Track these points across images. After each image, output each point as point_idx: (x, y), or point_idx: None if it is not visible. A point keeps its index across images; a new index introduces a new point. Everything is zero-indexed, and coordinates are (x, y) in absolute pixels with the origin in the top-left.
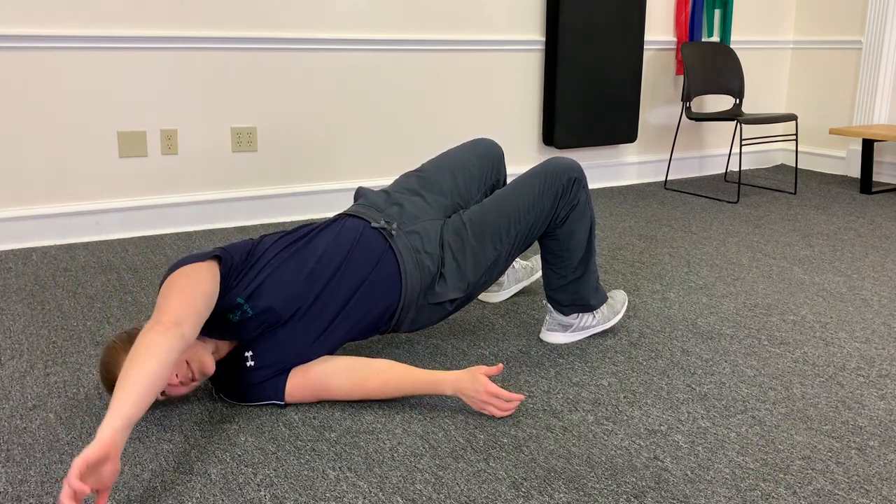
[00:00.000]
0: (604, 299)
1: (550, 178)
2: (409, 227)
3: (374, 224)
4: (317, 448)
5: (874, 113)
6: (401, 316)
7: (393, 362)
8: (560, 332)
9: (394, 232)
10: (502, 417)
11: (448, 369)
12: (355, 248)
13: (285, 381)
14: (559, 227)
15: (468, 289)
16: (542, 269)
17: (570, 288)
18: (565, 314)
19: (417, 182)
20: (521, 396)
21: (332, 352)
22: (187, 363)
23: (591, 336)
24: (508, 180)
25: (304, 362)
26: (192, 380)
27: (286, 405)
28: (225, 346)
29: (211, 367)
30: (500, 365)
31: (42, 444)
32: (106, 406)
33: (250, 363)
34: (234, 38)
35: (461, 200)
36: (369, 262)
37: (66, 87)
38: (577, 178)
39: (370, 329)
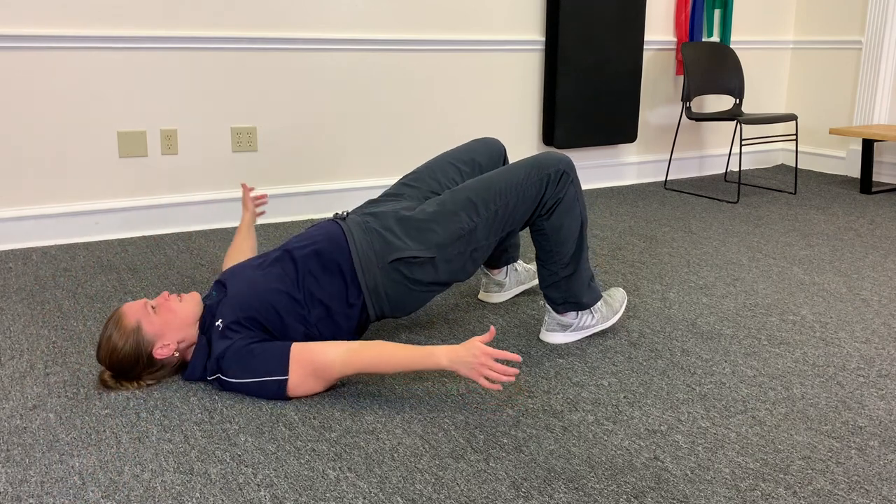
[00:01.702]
0: (597, 297)
1: (539, 166)
2: (365, 211)
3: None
4: (317, 448)
5: (874, 113)
6: (366, 278)
7: (389, 342)
8: (559, 332)
9: (346, 216)
10: (498, 387)
11: (448, 371)
12: (306, 231)
13: (288, 356)
14: (546, 220)
15: (435, 251)
16: (537, 268)
17: (562, 285)
18: (559, 313)
19: (396, 189)
20: (518, 358)
21: (301, 307)
22: (179, 296)
23: (591, 336)
24: None
25: (258, 296)
26: (172, 307)
27: (289, 399)
28: (195, 328)
29: (184, 310)
30: (492, 328)
31: (42, 444)
32: (105, 406)
33: (219, 324)
34: (234, 38)
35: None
36: (315, 233)
37: (66, 87)
38: (565, 170)
39: (339, 295)
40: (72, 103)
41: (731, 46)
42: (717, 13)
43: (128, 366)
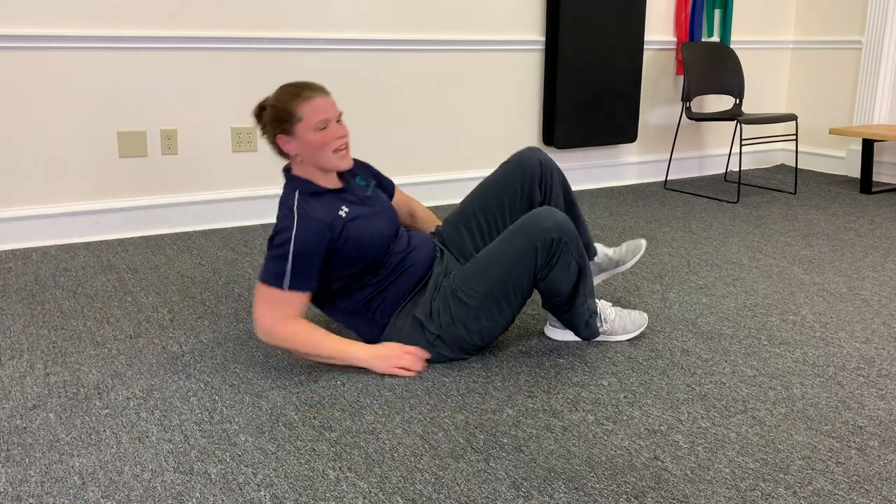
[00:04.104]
0: (594, 335)
1: (529, 237)
2: (440, 267)
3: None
4: (317, 448)
5: (874, 113)
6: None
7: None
8: (561, 329)
9: (443, 250)
10: (411, 374)
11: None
12: (424, 240)
13: (282, 282)
14: (540, 283)
15: (435, 327)
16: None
17: (561, 316)
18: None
19: (454, 225)
20: (427, 355)
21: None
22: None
23: None
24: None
25: (381, 236)
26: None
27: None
28: (328, 173)
29: (333, 159)
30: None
31: (42, 444)
32: (105, 406)
33: (343, 213)
34: (234, 38)
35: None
36: (420, 249)
37: (66, 87)
38: (555, 238)
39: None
40: (72, 103)
41: (731, 46)
42: (717, 13)
43: (266, 107)
